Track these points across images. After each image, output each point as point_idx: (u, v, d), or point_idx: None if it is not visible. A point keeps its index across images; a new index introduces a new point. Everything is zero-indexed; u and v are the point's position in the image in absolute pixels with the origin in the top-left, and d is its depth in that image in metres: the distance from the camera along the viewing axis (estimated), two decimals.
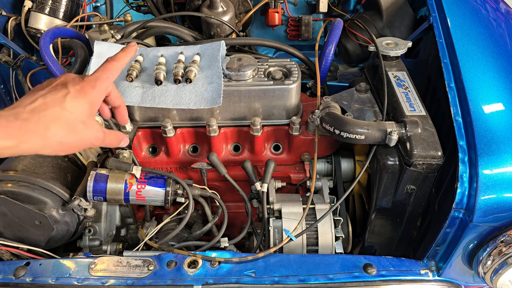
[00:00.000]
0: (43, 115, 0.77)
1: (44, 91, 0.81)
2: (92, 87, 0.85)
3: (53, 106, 0.79)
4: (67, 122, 0.79)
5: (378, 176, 1.14)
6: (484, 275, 1.04)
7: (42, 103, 0.78)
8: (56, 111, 0.78)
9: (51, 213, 1.19)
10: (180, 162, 1.34)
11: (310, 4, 2.03)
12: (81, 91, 0.83)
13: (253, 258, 1.07)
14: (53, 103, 0.79)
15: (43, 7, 1.77)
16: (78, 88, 0.83)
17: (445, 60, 1.25)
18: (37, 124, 0.76)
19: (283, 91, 1.20)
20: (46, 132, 0.77)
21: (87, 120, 0.83)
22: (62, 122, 0.79)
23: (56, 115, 0.78)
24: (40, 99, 0.79)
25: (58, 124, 0.78)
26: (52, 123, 0.78)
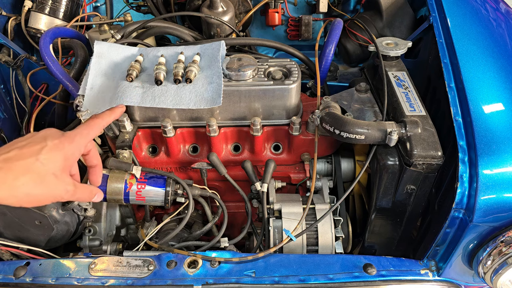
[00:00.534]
0: (15, 165, 0.77)
1: (23, 142, 0.82)
2: (70, 142, 0.86)
3: (28, 157, 0.79)
4: (38, 174, 0.79)
5: (378, 176, 1.14)
6: (484, 275, 1.04)
7: (18, 154, 0.79)
8: (30, 162, 0.79)
9: (51, 213, 1.19)
10: (180, 162, 1.34)
11: (310, 4, 2.03)
12: (58, 144, 0.83)
13: (253, 258, 1.07)
14: (28, 154, 0.80)
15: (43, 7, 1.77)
16: (56, 142, 0.83)
17: (445, 60, 1.25)
18: (6, 173, 0.76)
19: (283, 91, 1.20)
20: (14, 182, 0.77)
21: (59, 173, 0.83)
22: (32, 173, 0.79)
23: (28, 166, 0.78)
24: (16, 150, 0.80)
25: (28, 175, 0.78)
26: (22, 174, 0.78)
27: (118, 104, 1.16)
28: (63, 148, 0.84)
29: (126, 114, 1.23)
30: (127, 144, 1.22)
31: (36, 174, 0.79)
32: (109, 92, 1.20)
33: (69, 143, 0.86)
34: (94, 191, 0.97)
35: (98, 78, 1.23)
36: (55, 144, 0.83)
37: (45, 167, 0.80)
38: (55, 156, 0.82)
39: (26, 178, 0.78)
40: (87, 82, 1.21)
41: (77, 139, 0.88)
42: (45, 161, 0.80)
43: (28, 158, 0.79)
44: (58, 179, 0.83)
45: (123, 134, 1.24)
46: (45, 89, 1.73)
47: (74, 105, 1.21)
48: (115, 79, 1.22)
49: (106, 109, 1.17)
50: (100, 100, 1.19)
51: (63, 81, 1.31)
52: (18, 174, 0.77)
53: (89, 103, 1.20)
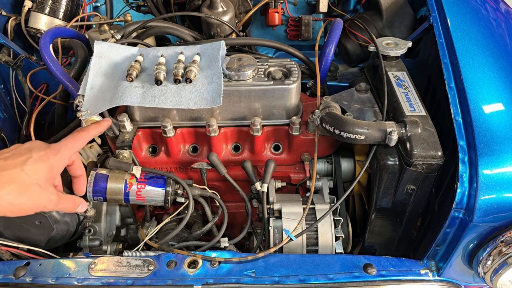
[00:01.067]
0: (0, 175, 0.79)
1: (7, 154, 0.84)
2: (55, 154, 0.88)
3: (12, 168, 0.81)
4: (22, 184, 0.81)
5: (378, 176, 1.14)
6: (484, 275, 1.04)
7: (2, 164, 0.81)
8: (14, 172, 0.81)
9: (51, 213, 1.19)
10: (180, 162, 1.34)
11: (310, 4, 2.03)
12: (43, 156, 0.85)
13: (253, 258, 1.07)
14: (13, 165, 0.81)
15: (43, 7, 1.77)
16: (41, 154, 0.85)
17: (445, 60, 1.25)
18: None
19: (283, 91, 1.20)
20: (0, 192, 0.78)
21: (43, 183, 0.84)
22: (17, 183, 0.80)
23: (12, 176, 0.80)
24: (1, 161, 0.82)
25: (13, 185, 0.80)
26: (7, 183, 0.79)
27: (118, 104, 1.16)
28: (47, 159, 0.86)
29: (126, 114, 1.23)
30: (127, 144, 1.22)
31: (20, 184, 0.80)
32: (109, 92, 1.20)
33: (53, 155, 0.87)
34: (77, 201, 0.98)
35: (98, 78, 1.23)
36: (40, 156, 0.85)
37: (30, 177, 0.82)
38: (39, 167, 0.84)
39: (10, 188, 0.79)
40: (87, 82, 1.21)
41: (62, 151, 0.90)
42: (29, 172, 0.82)
43: (13, 169, 0.81)
44: (42, 189, 0.84)
45: (123, 134, 1.24)
46: (45, 89, 1.73)
47: (74, 105, 1.21)
48: (115, 79, 1.22)
49: (106, 109, 1.17)
50: (100, 100, 1.19)
51: (63, 81, 1.31)
52: (2, 184, 0.79)
53: (89, 103, 1.20)
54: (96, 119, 1.19)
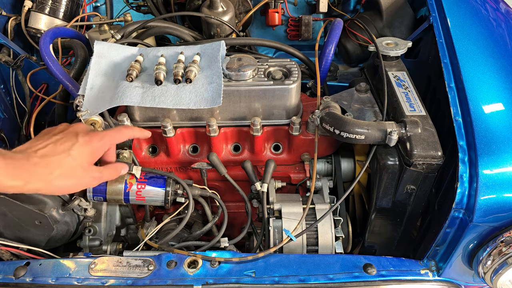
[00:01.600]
0: (51, 161, 0.87)
1: (57, 136, 0.92)
2: (99, 140, 0.96)
3: (61, 153, 0.89)
4: (69, 168, 0.89)
5: (378, 176, 1.14)
6: (484, 275, 1.04)
7: (52, 150, 0.88)
8: (62, 157, 0.89)
9: (51, 213, 1.19)
10: (180, 162, 1.34)
11: (310, 4, 2.03)
12: (88, 141, 0.93)
13: (253, 258, 1.07)
14: (62, 150, 0.89)
15: (43, 7, 1.77)
16: (86, 139, 0.93)
17: (445, 60, 1.25)
18: (43, 169, 0.86)
19: (283, 91, 1.20)
20: (49, 176, 0.86)
21: (87, 165, 0.94)
22: (64, 167, 0.88)
23: (60, 161, 0.88)
24: (51, 146, 0.89)
25: (60, 169, 0.88)
26: (56, 168, 0.87)
27: (118, 104, 1.16)
28: (91, 144, 0.94)
29: (126, 114, 1.23)
30: (127, 144, 1.22)
31: (67, 168, 0.89)
32: (109, 92, 1.20)
33: (97, 140, 0.96)
34: (118, 167, 1.07)
35: (98, 78, 1.23)
36: (85, 141, 0.93)
37: (75, 161, 0.90)
38: (84, 152, 0.92)
39: (58, 172, 0.87)
40: (87, 82, 1.21)
41: (105, 139, 0.98)
42: (75, 156, 0.90)
43: (62, 153, 0.89)
44: (86, 170, 0.93)
45: None
46: (45, 89, 1.73)
47: (74, 105, 1.21)
48: (115, 79, 1.22)
49: (106, 109, 1.17)
50: (100, 100, 1.20)
51: (63, 81, 1.31)
52: (52, 169, 0.87)
53: (89, 103, 1.20)
54: (96, 119, 1.19)
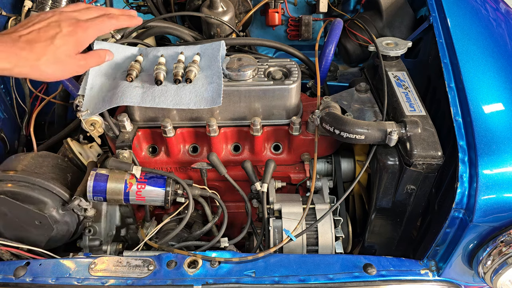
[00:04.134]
0: (36, 46, 0.92)
1: (39, 24, 0.96)
2: (83, 31, 0.99)
3: (45, 40, 0.93)
4: (54, 55, 0.94)
5: (378, 176, 1.14)
6: (484, 275, 1.04)
7: (36, 36, 0.93)
8: (46, 44, 0.93)
9: (51, 213, 1.19)
10: (180, 162, 1.34)
11: (310, 4, 2.03)
12: (72, 32, 0.97)
13: (253, 258, 1.07)
14: (45, 37, 0.94)
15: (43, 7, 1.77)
16: (70, 29, 0.97)
17: (445, 60, 1.25)
18: (29, 53, 0.91)
19: (283, 91, 1.20)
20: (36, 62, 0.92)
21: (72, 54, 0.98)
22: (49, 54, 0.93)
23: (45, 48, 0.93)
24: (34, 32, 0.94)
25: (47, 56, 0.93)
26: (42, 55, 0.92)
27: (118, 104, 1.16)
28: (75, 34, 0.97)
29: (126, 114, 1.23)
30: (127, 144, 1.22)
31: (52, 55, 0.94)
32: (109, 92, 1.20)
33: (82, 31, 0.99)
34: (102, 53, 1.09)
35: (98, 78, 1.23)
36: (69, 31, 0.97)
37: (59, 49, 0.94)
38: (68, 41, 0.96)
39: (45, 58, 0.92)
40: (87, 82, 1.21)
41: (90, 30, 1.00)
42: (58, 45, 0.94)
43: (45, 41, 0.93)
44: (71, 58, 0.98)
45: (123, 134, 1.24)
46: (45, 89, 1.73)
47: (74, 105, 1.21)
48: (115, 79, 1.22)
49: (106, 109, 1.17)
50: (100, 100, 1.20)
51: (63, 81, 1.31)
52: (38, 55, 0.92)
53: (89, 103, 1.20)
54: (96, 119, 1.19)
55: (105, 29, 1.05)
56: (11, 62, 0.89)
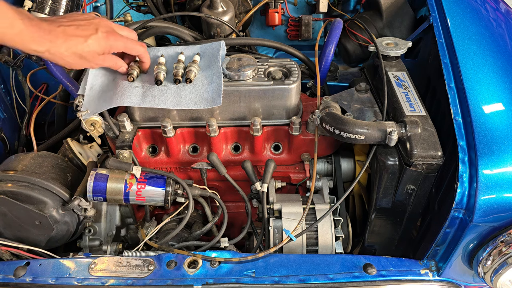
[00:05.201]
0: (70, 39, 1.02)
1: (80, 22, 1.06)
2: (114, 40, 1.09)
3: (80, 37, 1.04)
4: (82, 51, 1.04)
5: (378, 176, 1.14)
6: (484, 275, 1.04)
7: (73, 30, 1.03)
8: (80, 41, 1.03)
9: (51, 213, 1.19)
10: (180, 162, 1.34)
11: (310, 4, 2.03)
12: (105, 37, 1.07)
13: (253, 258, 1.07)
14: (81, 34, 1.04)
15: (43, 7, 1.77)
16: (104, 35, 1.07)
17: (445, 60, 1.25)
18: (63, 44, 1.01)
19: (283, 91, 1.20)
20: (66, 52, 1.02)
21: (96, 55, 1.08)
22: (79, 49, 1.04)
23: (77, 43, 1.03)
24: (73, 27, 1.04)
25: (75, 50, 1.03)
26: (73, 48, 1.03)
27: (118, 104, 1.16)
28: (107, 41, 1.08)
29: (126, 114, 1.23)
30: (127, 144, 1.22)
31: (80, 51, 1.04)
32: (109, 92, 1.20)
33: (113, 40, 1.09)
34: (119, 62, 1.18)
35: (98, 78, 1.23)
36: (103, 36, 1.07)
37: (89, 49, 1.05)
38: (99, 44, 1.06)
39: (72, 51, 1.03)
40: (87, 82, 1.21)
41: (119, 43, 1.11)
42: (90, 45, 1.05)
43: (80, 37, 1.04)
44: (93, 58, 1.08)
45: (123, 134, 1.24)
46: (45, 89, 1.73)
47: (74, 105, 1.21)
48: (115, 79, 1.22)
49: (106, 109, 1.17)
50: (100, 100, 1.19)
51: (63, 81, 1.31)
52: (70, 47, 1.02)
53: (89, 103, 1.20)
54: (96, 119, 1.19)
55: (132, 50, 1.15)
56: (45, 46, 0.99)
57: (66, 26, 1.03)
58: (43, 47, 0.99)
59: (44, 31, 0.99)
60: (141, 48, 1.17)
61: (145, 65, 1.21)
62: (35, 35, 0.97)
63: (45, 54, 1.01)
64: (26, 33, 0.96)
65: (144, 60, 1.20)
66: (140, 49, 1.17)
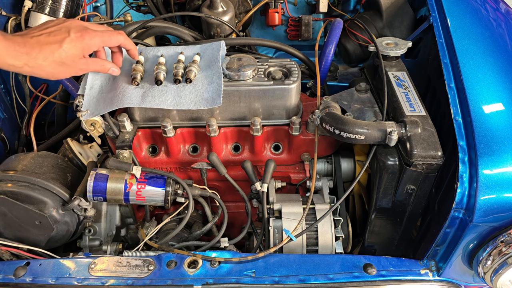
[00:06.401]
0: (45, 48, 1.00)
1: (51, 29, 1.03)
2: (90, 38, 1.05)
3: (53, 43, 1.01)
4: (60, 58, 1.01)
5: (378, 176, 1.14)
6: (484, 275, 1.04)
7: (46, 39, 1.01)
8: (54, 47, 1.00)
9: (51, 213, 1.19)
10: (180, 162, 1.34)
11: (310, 4, 2.03)
12: (79, 37, 1.04)
13: (253, 258, 1.07)
14: (54, 40, 1.01)
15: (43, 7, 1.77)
16: (78, 35, 1.04)
17: (445, 60, 1.25)
18: (38, 54, 0.99)
19: (283, 91, 1.20)
20: (43, 62, 1.00)
21: (77, 59, 1.05)
22: (56, 56, 1.01)
23: (53, 51, 1.00)
24: (45, 35, 1.01)
25: (53, 57, 1.00)
26: (49, 56, 1.00)
27: (119, 106, 1.16)
28: (82, 41, 1.04)
29: (126, 114, 1.23)
30: (127, 144, 1.22)
31: (58, 58, 1.01)
32: (109, 92, 1.20)
33: (88, 39, 1.05)
34: (106, 64, 1.15)
35: (98, 78, 1.23)
36: (77, 37, 1.03)
37: (66, 53, 1.02)
38: (74, 46, 1.03)
39: (51, 59, 1.00)
40: (87, 82, 1.22)
41: (96, 39, 1.07)
42: (66, 49, 1.02)
43: (54, 44, 1.01)
44: (75, 62, 1.05)
45: (123, 134, 1.24)
46: (45, 89, 1.73)
47: (74, 105, 1.21)
48: (115, 79, 1.22)
49: (106, 108, 1.17)
50: (100, 101, 1.20)
51: (63, 81, 1.31)
52: (47, 56, 1.00)
53: (89, 103, 1.20)
54: (96, 119, 1.19)
55: (111, 41, 1.11)
56: (21, 60, 0.97)
57: (38, 36, 1.01)
58: (20, 61, 0.97)
59: (19, 44, 0.97)
60: (120, 36, 1.12)
61: (131, 52, 1.18)
62: (10, 49, 0.95)
63: (24, 68, 0.99)
64: (1, 49, 0.94)
65: (128, 47, 1.16)
66: (119, 38, 1.12)
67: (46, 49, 1.00)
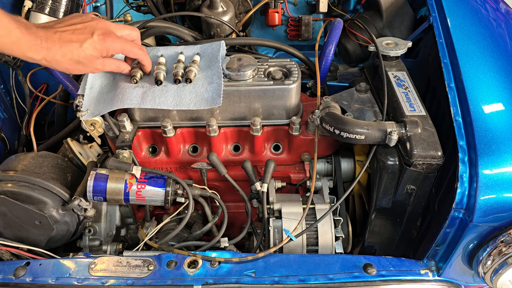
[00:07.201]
0: (65, 45, 1.01)
1: (76, 26, 1.05)
2: (111, 42, 1.07)
3: (75, 42, 1.02)
4: (78, 56, 1.03)
5: (378, 176, 1.14)
6: (484, 275, 1.04)
7: (69, 36, 1.02)
8: (75, 46, 1.02)
9: (51, 213, 1.19)
10: (180, 162, 1.34)
11: (310, 4, 2.03)
12: (101, 40, 1.05)
13: (253, 258, 1.07)
14: (76, 39, 1.02)
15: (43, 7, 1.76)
16: (100, 37, 1.05)
17: (445, 60, 1.25)
18: (58, 50, 1.00)
19: (283, 91, 1.20)
20: (62, 58, 1.02)
21: (94, 59, 1.07)
22: (75, 54, 1.02)
23: (73, 48, 1.02)
24: (69, 32, 1.02)
25: (71, 55, 1.02)
26: (68, 53, 1.01)
27: (119, 106, 1.16)
28: (104, 43, 1.05)
29: (126, 114, 1.23)
30: (127, 144, 1.22)
31: (76, 57, 1.03)
32: (109, 92, 1.20)
33: (110, 42, 1.06)
34: (121, 65, 1.17)
35: (98, 78, 1.23)
36: (99, 39, 1.04)
37: (85, 53, 1.03)
38: (95, 48, 1.04)
39: (69, 57, 1.02)
40: (87, 82, 1.22)
41: (117, 45, 1.08)
42: (86, 49, 1.03)
43: (75, 43, 1.02)
44: (91, 62, 1.06)
45: (123, 134, 1.24)
46: (45, 89, 1.73)
47: (74, 105, 1.21)
48: (115, 79, 1.22)
49: (106, 109, 1.17)
50: (100, 101, 1.20)
51: (63, 81, 1.31)
52: (66, 53, 1.01)
53: (89, 103, 1.20)
54: (96, 119, 1.19)
55: (129, 52, 1.13)
56: (41, 54, 0.99)
57: (62, 32, 1.02)
58: (39, 55, 0.99)
59: (41, 39, 0.98)
60: (140, 51, 1.15)
61: (146, 68, 1.20)
62: (32, 43, 0.97)
63: (42, 61, 1.01)
64: (23, 42, 0.96)
65: (144, 63, 1.18)
66: (138, 53, 1.14)
67: (66, 47, 1.01)
